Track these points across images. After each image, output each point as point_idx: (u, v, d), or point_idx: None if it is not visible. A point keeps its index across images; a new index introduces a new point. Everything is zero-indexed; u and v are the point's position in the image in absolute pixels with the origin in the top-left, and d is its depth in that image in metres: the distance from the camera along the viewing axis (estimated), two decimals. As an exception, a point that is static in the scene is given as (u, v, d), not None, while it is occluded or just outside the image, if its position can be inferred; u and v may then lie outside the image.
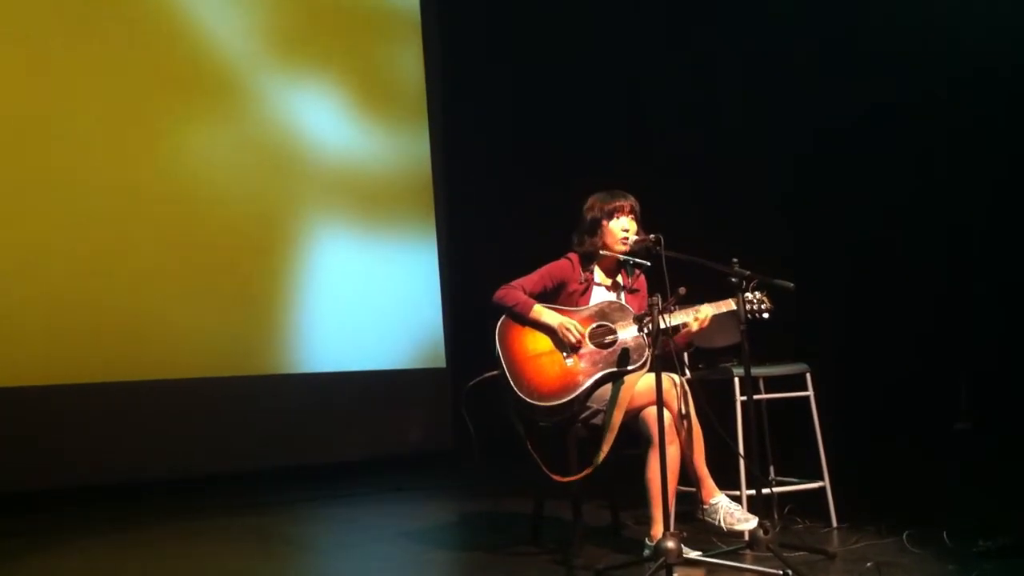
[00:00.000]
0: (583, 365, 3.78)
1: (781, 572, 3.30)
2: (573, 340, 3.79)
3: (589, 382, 3.75)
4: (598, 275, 4.00)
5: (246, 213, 6.38)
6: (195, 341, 6.10)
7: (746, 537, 3.64)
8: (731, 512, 3.66)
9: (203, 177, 6.22)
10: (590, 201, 4.02)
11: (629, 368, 3.75)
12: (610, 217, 3.95)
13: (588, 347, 3.81)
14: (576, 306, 3.91)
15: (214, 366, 6.16)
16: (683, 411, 3.68)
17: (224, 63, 6.38)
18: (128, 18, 6.04)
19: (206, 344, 6.14)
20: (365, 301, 6.75)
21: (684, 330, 3.81)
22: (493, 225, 7.01)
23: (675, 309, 3.72)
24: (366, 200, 6.88)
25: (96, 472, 5.65)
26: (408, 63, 7.23)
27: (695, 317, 3.77)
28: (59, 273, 5.67)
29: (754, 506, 3.73)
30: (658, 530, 3.55)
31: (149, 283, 5.96)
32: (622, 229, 3.93)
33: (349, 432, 6.61)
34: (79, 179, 5.76)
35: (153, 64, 6.09)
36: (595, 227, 3.97)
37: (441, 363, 7.09)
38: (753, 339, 3.72)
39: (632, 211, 3.96)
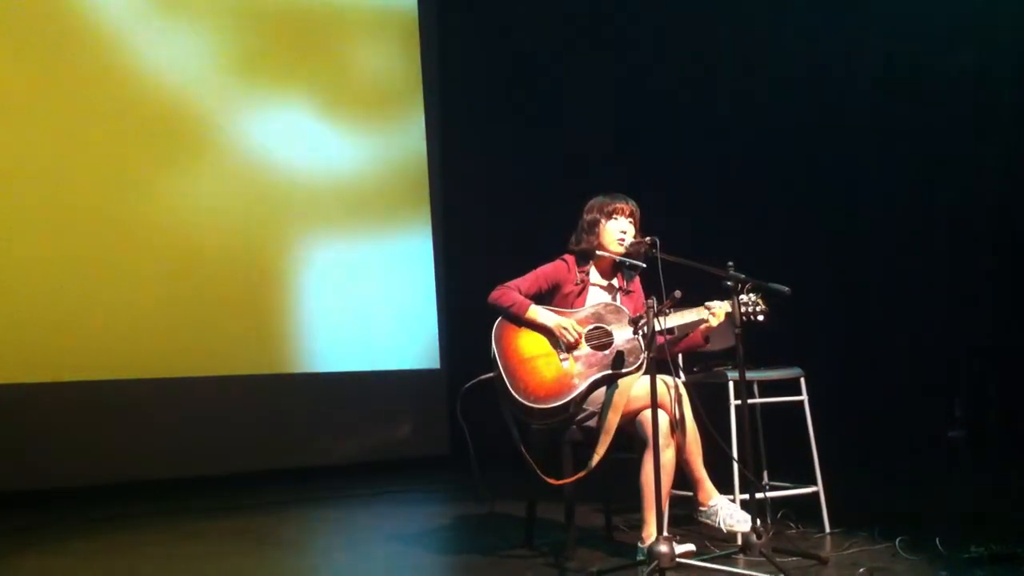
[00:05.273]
0: (579, 367, 3.77)
1: (773, 577, 3.30)
2: (571, 340, 3.79)
3: (585, 384, 3.74)
4: (594, 275, 4.00)
5: (244, 218, 6.39)
6: (193, 341, 6.10)
7: (739, 541, 3.64)
8: (730, 514, 3.65)
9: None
10: (590, 203, 4.03)
11: (624, 371, 3.75)
12: (608, 218, 3.96)
13: (584, 349, 3.81)
14: (571, 307, 3.91)
15: (211, 366, 6.15)
16: (679, 414, 3.67)
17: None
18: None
19: (203, 344, 6.14)
20: (361, 302, 6.74)
21: (704, 326, 3.81)
22: (489, 225, 7.00)
23: (670, 312, 3.72)
24: (363, 202, 6.87)
25: (92, 472, 5.64)
26: (404, 64, 7.22)
27: (712, 312, 3.76)
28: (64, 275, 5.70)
29: (747, 510, 3.73)
30: (651, 533, 3.55)
31: (148, 287, 5.97)
32: (619, 231, 3.93)
33: (343, 433, 6.61)
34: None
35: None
36: (593, 227, 3.98)
37: (436, 364, 7.08)
38: (748, 343, 3.72)
39: (631, 215, 3.97)
